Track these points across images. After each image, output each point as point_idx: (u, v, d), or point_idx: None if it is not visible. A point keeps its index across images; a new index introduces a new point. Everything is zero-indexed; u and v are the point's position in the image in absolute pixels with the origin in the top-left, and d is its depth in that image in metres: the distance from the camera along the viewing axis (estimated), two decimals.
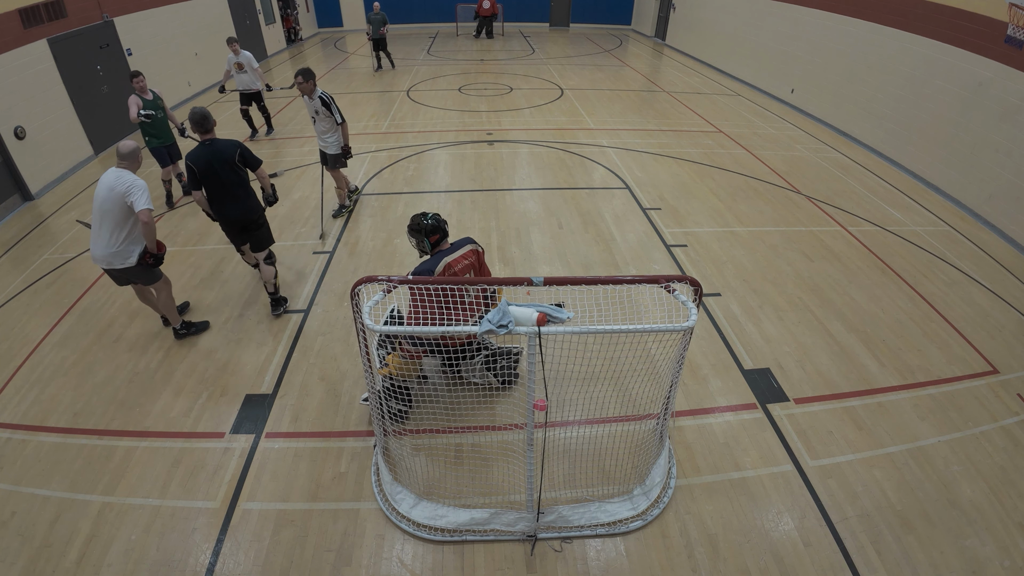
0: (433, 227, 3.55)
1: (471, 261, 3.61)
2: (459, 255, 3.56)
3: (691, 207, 6.68)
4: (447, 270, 3.44)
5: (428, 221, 3.55)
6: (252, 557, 2.84)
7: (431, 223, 3.55)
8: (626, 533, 2.99)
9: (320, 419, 3.68)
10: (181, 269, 5.35)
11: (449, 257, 3.51)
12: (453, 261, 3.50)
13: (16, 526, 2.99)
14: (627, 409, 3.70)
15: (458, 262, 3.52)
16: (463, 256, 3.57)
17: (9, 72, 6.76)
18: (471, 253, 3.63)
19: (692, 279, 2.63)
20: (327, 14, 20.15)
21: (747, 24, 12.39)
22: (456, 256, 3.54)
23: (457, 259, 3.53)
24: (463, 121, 9.84)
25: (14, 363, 4.20)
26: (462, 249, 3.61)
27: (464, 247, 3.63)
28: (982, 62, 6.56)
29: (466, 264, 3.57)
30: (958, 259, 5.71)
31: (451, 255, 3.53)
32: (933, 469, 3.36)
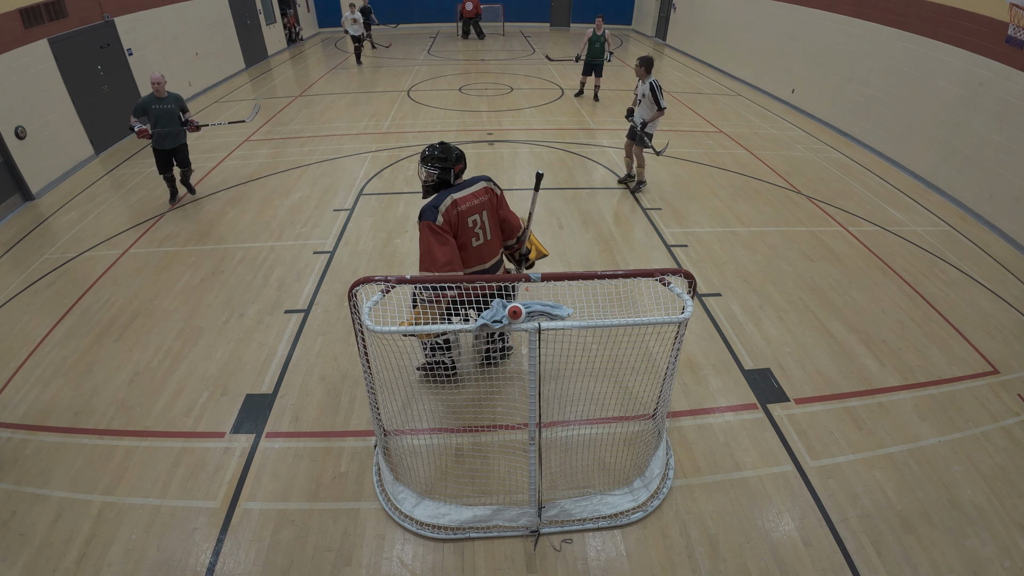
0: (456, 156, 3.25)
1: (483, 200, 3.28)
2: (469, 192, 3.24)
3: (691, 207, 6.68)
4: (453, 207, 3.16)
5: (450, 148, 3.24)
6: (252, 557, 2.84)
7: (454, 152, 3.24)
8: (628, 525, 2.99)
9: (320, 419, 3.68)
10: (181, 269, 5.36)
11: (458, 194, 3.20)
12: (461, 199, 3.19)
13: (16, 526, 2.99)
14: (625, 403, 3.70)
15: (465, 201, 3.20)
16: (474, 194, 3.24)
17: (10, 72, 6.76)
18: (483, 191, 3.30)
19: (686, 272, 2.64)
20: (327, 14, 20.14)
21: (747, 24, 12.40)
22: (466, 194, 3.22)
23: (466, 196, 3.21)
24: (464, 121, 9.84)
25: (14, 363, 4.20)
26: (474, 186, 3.28)
27: (477, 184, 3.30)
28: (982, 62, 6.56)
29: (477, 204, 3.25)
30: (958, 259, 5.71)
31: (460, 192, 3.22)
32: (933, 469, 3.36)
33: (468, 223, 3.24)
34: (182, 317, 4.67)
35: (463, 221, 3.21)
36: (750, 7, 12.27)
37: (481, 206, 3.28)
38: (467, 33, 18.65)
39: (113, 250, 5.75)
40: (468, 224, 3.24)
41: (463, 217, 3.20)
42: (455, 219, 3.17)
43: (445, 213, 3.14)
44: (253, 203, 6.71)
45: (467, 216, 3.22)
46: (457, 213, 3.17)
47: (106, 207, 6.73)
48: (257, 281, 5.16)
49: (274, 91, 12.08)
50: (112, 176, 7.68)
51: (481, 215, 3.28)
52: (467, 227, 3.24)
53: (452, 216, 3.16)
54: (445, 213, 3.14)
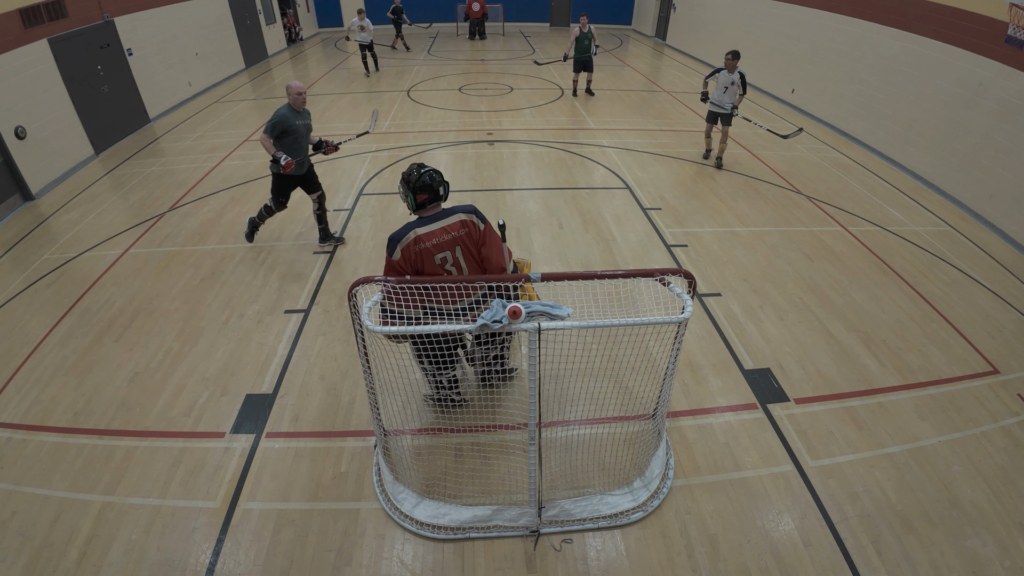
0: (423, 184, 2.93)
1: (456, 235, 2.97)
2: (439, 227, 2.94)
3: (691, 207, 6.68)
4: (412, 246, 2.89)
5: (417, 174, 2.94)
6: (252, 557, 2.84)
7: (424, 178, 2.93)
8: (628, 525, 2.99)
9: (320, 419, 3.68)
10: (181, 269, 5.35)
11: (423, 228, 2.92)
12: (425, 235, 2.91)
13: (16, 526, 2.99)
14: (625, 403, 3.70)
15: (431, 237, 2.91)
16: (444, 229, 2.94)
17: (9, 72, 6.76)
18: (459, 225, 2.98)
19: (686, 272, 2.65)
20: (327, 14, 20.14)
21: (747, 24, 12.39)
22: (433, 228, 2.93)
23: (434, 232, 2.92)
24: (463, 121, 9.84)
25: (15, 363, 4.20)
26: (448, 219, 2.97)
27: (451, 217, 2.98)
28: (982, 62, 6.56)
29: (447, 239, 2.94)
30: (958, 259, 5.71)
31: (426, 226, 2.93)
32: (933, 469, 3.36)
33: (436, 260, 2.98)
34: (182, 317, 4.67)
35: (427, 258, 2.95)
36: (750, 7, 12.26)
37: (454, 241, 2.98)
38: (473, 34, 18.68)
39: (113, 250, 5.75)
40: (436, 261, 2.98)
41: (427, 254, 2.94)
42: (415, 256, 2.93)
43: (404, 249, 2.92)
44: (253, 203, 6.70)
45: (434, 253, 2.96)
46: (419, 250, 2.92)
47: (106, 207, 6.73)
48: (257, 281, 5.16)
49: (274, 91, 12.08)
50: (112, 176, 7.68)
51: (453, 251, 2.99)
52: (434, 264, 2.98)
53: (412, 253, 2.92)
54: (404, 249, 2.92)
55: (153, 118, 10.09)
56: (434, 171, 3.03)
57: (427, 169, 3.01)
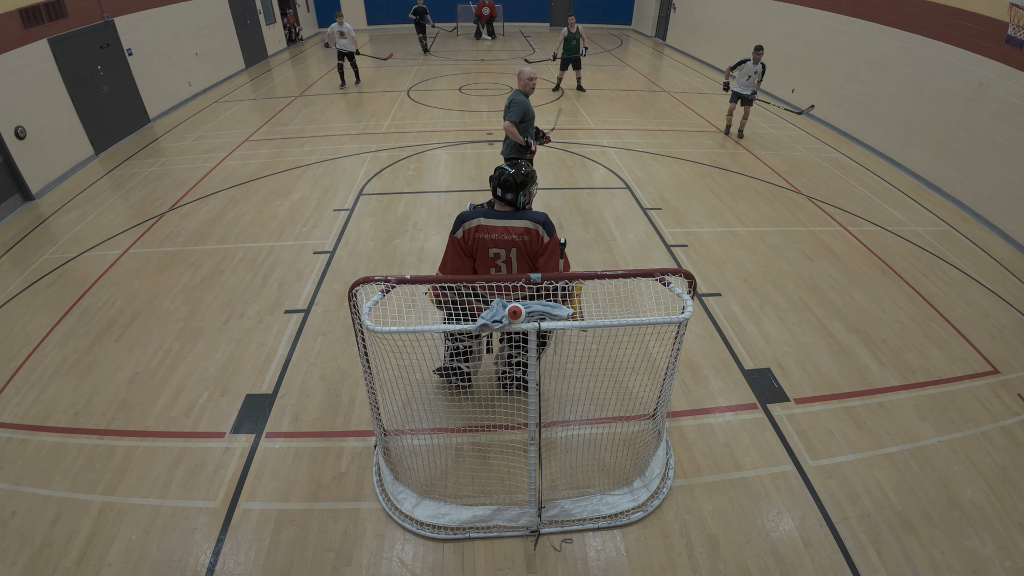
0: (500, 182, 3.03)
1: (515, 239, 3.02)
2: (503, 224, 3.02)
3: (691, 207, 6.68)
4: (473, 232, 3.04)
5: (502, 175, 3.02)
6: (252, 557, 2.84)
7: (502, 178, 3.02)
8: (628, 525, 2.99)
9: (320, 419, 3.68)
10: (181, 269, 5.36)
11: (487, 221, 3.03)
12: (487, 227, 3.03)
13: (16, 526, 2.99)
14: (625, 403, 3.70)
15: (492, 230, 3.02)
16: (507, 229, 3.01)
17: (9, 72, 6.76)
18: (523, 231, 3.01)
19: (686, 272, 2.65)
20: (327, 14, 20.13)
21: (747, 24, 12.39)
22: (497, 224, 3.02)
23: (496, 227, 3.02)
24: (463, 121, 9.84)
25: (15, 363, 4.20)
26: (512, 221, 3.02)
27: (518, 220, 3.02)
28: (982, 62, 6.56)
29: (506, 240, 3.01)
30: (958, 259, 5.71)
31: (493, 220, 3.04)
32: (933, 469, 3.36)
33: (489, 253, 3.11)
34: (182, 317, 4.67)
35: (482, 248, 3.10)
36: (750, 7, 12.26)
37: (511, 244, 3.06)
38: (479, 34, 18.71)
39: (113, 250, 5.75)
40: (488, 254, 3.11)
41: (483, 244, 3.09)
42: (473, 241, 3.10)
43: (466, 231, 3.09)
44: (253, 203, 6.71)
45: (489, 246, 3.08)
46: (478, 237, 3.07)
47: (106, 207, 6.73)
48: (257, 281, 5.16)
49: (274, 91, 12.08)
50: (112, 176, 7.68)
51: (508, 251, 3.08)
52: (486, 256, 3.12)
53: (471, 237, 3.09)
54: (466, 231, 3.09)
55: (153, 118, 10.09)
56: (514, 177, 3.02)
57: (508, 171, 3.03)
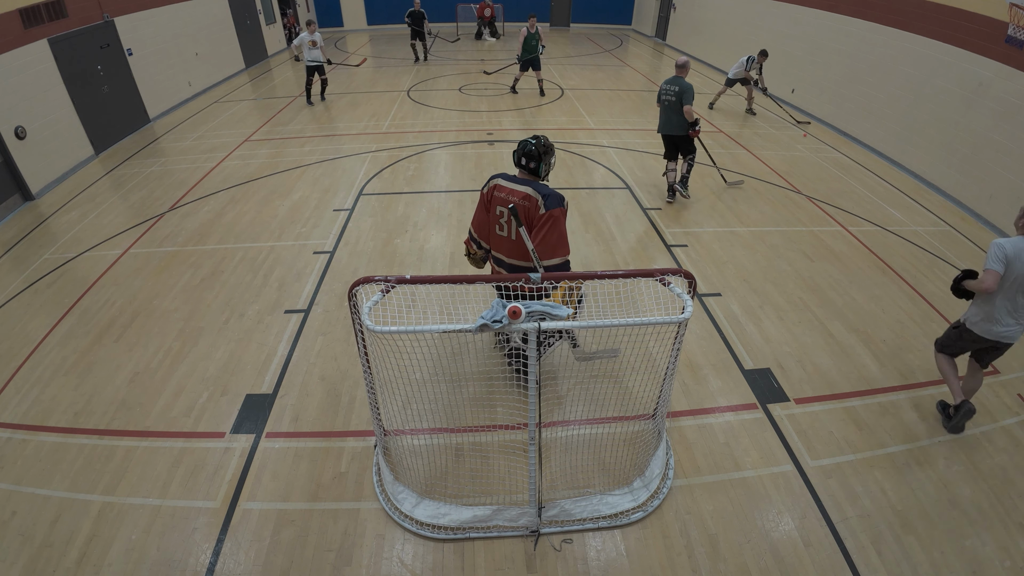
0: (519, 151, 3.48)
1: (516, 202, 3.33)
2: (511, 187, 3.39)
3: (691, 207, 6.68)
4: (492, 189, 3.47)
5: (526, 144, 3.44)
6: (252, 557, 2.84)
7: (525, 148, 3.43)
8: (628, 525, 2.99)
9: (320, 419, 3.68)
10: (181, 269, 5.36)
11: (503, 182, 3.44)
12: (501, 186, 3.43)
13: (17, 526, 2.99)
14: (625, 403, 3.70)
15: (503, 190, 3.40)
16: (513, 192, 3.37)
17: (9, 72, 6.76)
18: (523, 196, 3.32)
19: (686, 272, 2.64)
20: (327, 14, 20.15)
21: (747, 24, 12.39)
22: (508, 186, 3.40)
23: (507, 188, 3.40)
24: (463, 121, 9.84)
25: (15, 363, 4.20)
26: (522, 186, 3.36)
27: (524, 186, 3.35)
28: (982, 62, 6.56)
29: (509, 201, 3.34)
30: (959, 259, 5.70)
31: (507, 182, 3.42)
32: (933, 469, 3.36)
33: (496, 211, 3.49)
34: (182, 317, 4.67)
35: (492, 205, 3.50)
36: (750, 7, 12.26)
37: (512, 204, 3.34)
38: (481, 34, 18.73)
39: (113, 250, 5.75)
40: (496, 212, 3.49)
41: (495, 201, 3.47)
42: (488, 197, 3.52)
43: (487, 189, 3.52)
44: (253, 203, 6.71)
45: (497, 204, 3.46)
46: (492, 196, 3.48)
47: (106, 207, 6.73)
48: (257, 281, 5.16)
49: (274, 91, 12.09)
50: (112, 176, 7.68)
51: (512, 214, 3.35)
52: (495, 213, 3.50)
53: (487, 194, 3.52)
54: (487, 189, 3.52)
55: (153, 118, 10.09)
56: (536, 147, 3.42)
57: (531, 143, 3.44)
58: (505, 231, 3.49)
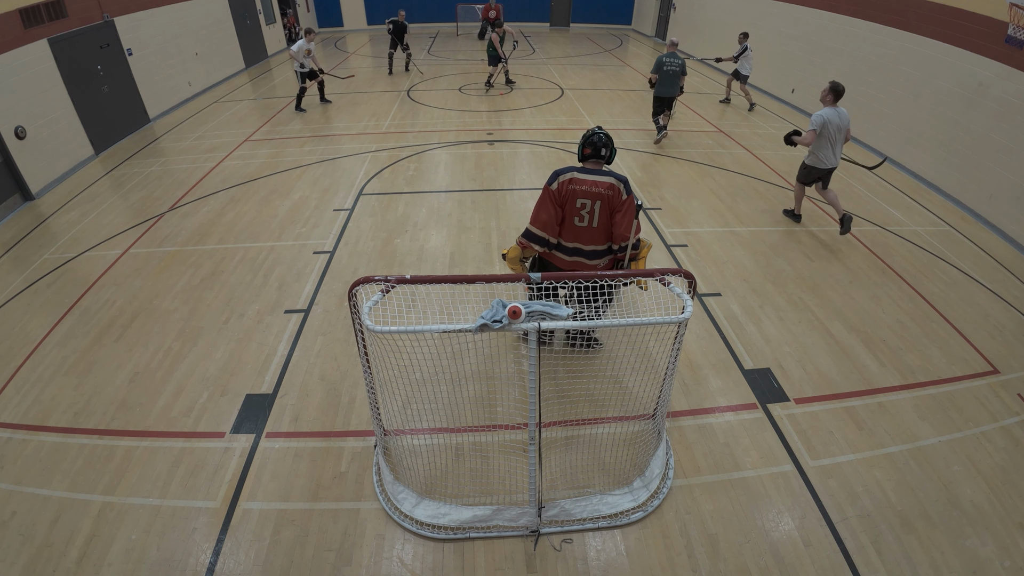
0: (591, 142, 3.59)
1: (601, 192, 3.48)
2: (592, 179, 3.48)
3: (691, 207, 6.68)
4: (567, 184, 3.50)
5: (591, 133, 3.60)
6: (252, 557, 2.84)
7: (593, 137, 3.59)
8: (628, 525, 2.99)
9: (320, 419, 3.68)
10: (181, 269, 5.36)
11: (580, 175, 3.50)
12: (579, 179, 3.49)
13: (16, 526, 2.99)
14: (625, 403, 3.70)
15: (583, 183, 3.48)
16: (595, 183, 3.48)
17: (9, 72, 6.76)
18: (607, 186, 3.47)
19: (686, 272, 2.64)
20: (327, 14, 20.16)
21: (747, 24, 12.36)
22: (587, 178, 3.49)
23: (587, 180, 3.49)
24: (463, 121, 9.84)
25: (15, 363, 4.20)
26: (601, 176, 3.49)
27: (604, 176, 3.50)
28: (982, 62, 6.55)
29: (593, 192, 3.48)
30: (958, 259, 5.71)
31: (583, 174, 3.51)
32: (933, 469, 3.36)
33: (577, 204, 3.52)
34: (182, 317, 4.67)
35: (571, 199, 3.52)
36: (750, 7, 12.26)
37: (597, 196, 3.48)
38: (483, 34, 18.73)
39: (113, 250, 5.75)
40: (576, 204, 3.53)
41: (574, 195, 3.50)
42: (566, 192, 3.52)
43: (561, 183, 3.51)
44: (253, 203, 6.71)
45: (578, 196, 3.51)
46: (571, 189, 3.50)
47: (106, 207, 6.73)
48: (257, 281, 5.16)
49: (274, 91, 12.09)
50: (112, 176, 7.68)
51: (593, 203, 3.50)
52: (574, 206, 3.53)
53: (565, 188, 3.51)
54: (561, 183, 3.51)
55: (153, 118, 10.09)
56: (606, 136, 3.60)
57: (600, 132, 3.60)
58: (586, 221, 3.56)
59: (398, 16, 13.36)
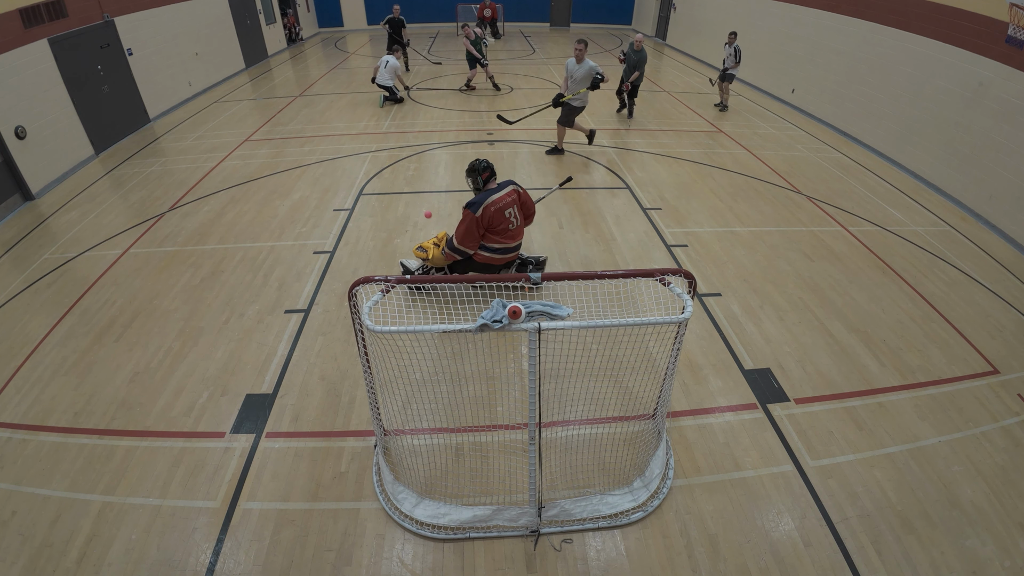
0: (483, 167, 4.55)
1: (513, 199, 4.52)
2: (503, 194, 4.45)
3: (692, 207, 6.68)
4: (490, 208, 4.33)
5: (482, 163, 4.55)
6: (252, 557, 2.84)
7: (484, 164, 4.55)
8: (628, 525, 2.99)
9: (320, 419, 3.68)
10: (181, 269, 5.36)
11: (495, 195, 4.40)
12: (498, 198, 4.40)
13: (17, 525, 2.99)
14: (625, 403, 3.70)
15: (501, 199, 4.42)
16: (506, 195, 4.47)
17: (9, 72, 6.76)
18: (513, 192, 4.54)
19: (686, 272, 2.64)
20: (327, 14, 20.15)
21: (747, 24, 12.39)
22: (500, 195, 4.43)
23: (501, 197, 4.43)
24: (463, 121, 9.84)
25: (15, 363, 4.20)
26: (505, 189, 4.50)
27: (507, 187, 4.52)
28: (982, 62, 6.56)
29: (508, 201, 4.46)
30: (959, 259, 5.71)
31: (496, 194, 4.42)
32: (933, 469, 3.36)
33: (505, 214, 4.46)
34: (182, 317, 4.67)
35: (497, 215, 4.41)
36: (750, 7, 12.27)
37: (513, 203, 4.53)
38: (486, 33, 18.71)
39: (113, 250, 5.75)
40: (505, 215, 4.46)
41: (500, 212, 4.41)
42: (492, 215, 4.37)
43: (484, 209, 4.34)
44: (253, 203, 6.71)
45: (503, 210, 4.44)
46: (496, 210, 4.39)
47: (106, 207, 6.73)
48: (257, 281, 5.16)
49: (274, 91, 12.09)
50: (112, 176, 7.68)
51: (514, 208, 4.54)
52: (503, 217, 4.46)
53: (490, 212, 4.36)
54: (484, 209, 4.34)
55: (153, 118, 10.09)
56: (485, 160, 4.59)
57: (482, 160, 4.58)
58: (514, 224, 4.56)
59: (393, 12, 12.94)
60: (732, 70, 10.26)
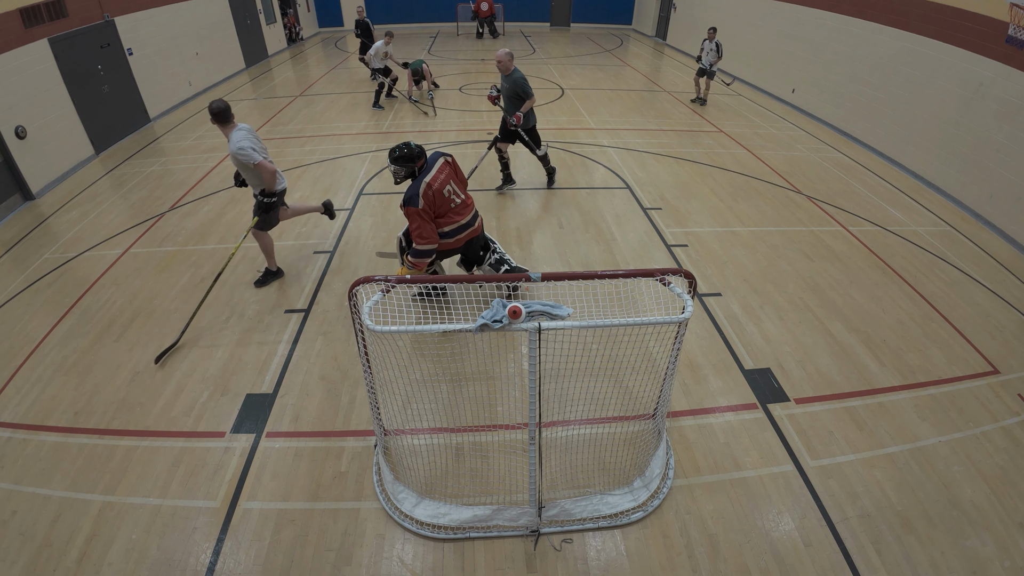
0: (415, 154, 4.04)
1: (447, 173, 4.11)
2: (435, 172, 4.02)
3: (692, 207, 6.68)
4: (428, 192, 3.93)
5: (415, 148, 4.04)
6: (252, 557, 2.84)
7: (418, 149, 4.05)
8: (628, 525, 2.99)
9: (320, 419, 3.69)
10: (181, 269, 5.36)
11: (427, 177, 3.97)
12: (431, 179, 3.97)
13: (17, 525, 3.00)
14: (625, 403, 3.70)
15: (437, 179, 4.00)
16: (439, 171, 4.05)
17: (10, 72, 6.76)
18: (444, 166, 4.12)
19: (686, 272, 2.64)
20: (327, 14, 20.15)
21: (747, 24, 12.40)
22: (433, 174, 4.00)
23: (435, 176, 4.01)
24: (463, 121, 9.84)
25: (15, 363, 4.20)
26: (436, 165, 4.06)
27: (437, 162, 4.08)
28: (982, 62, 6.56)
29: (443, 178, 4.06)
30: (959, 259, 5.71)
31: (428, 175, 3.98)
32: (934, 469, 3.36)
33: (445, 192, 4.06)
34: (182, 317, 4.66)
35: (439, 195, 4.01)
36: (750, 7, 12.26)
37: (448, 177, 4.11)
38: (481, 34, 18.69)
39: (113, 250, 5.75)
40: (445, 194, 4.06)
41: (440, 191, 4.00)
42: (433, 198, 3.97)
43: (424, 197, 3.92)
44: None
45: (443, 188, 4.04)
46: (435, 191, 3.97)
47: (106, 207, 6.73)
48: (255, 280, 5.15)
49: (274, 91, 12.09)
50: (112, 176, 7.68)
51: (450, 182, 4.12)
52: (445, 197, 4.07)
53: (430, 196, 3.95)
54: (424, 197, 3.92)
55: (153, 118, 10.09)
56: (406, 143, 4.06)
57: (405, 145, 4.04)
58: (459, 198, 4.20)
59: (357, 13, 11.96)
60: (715, 66, 10.35)
